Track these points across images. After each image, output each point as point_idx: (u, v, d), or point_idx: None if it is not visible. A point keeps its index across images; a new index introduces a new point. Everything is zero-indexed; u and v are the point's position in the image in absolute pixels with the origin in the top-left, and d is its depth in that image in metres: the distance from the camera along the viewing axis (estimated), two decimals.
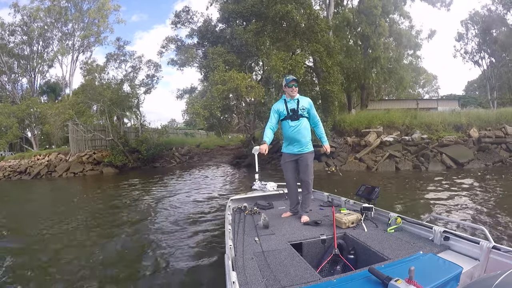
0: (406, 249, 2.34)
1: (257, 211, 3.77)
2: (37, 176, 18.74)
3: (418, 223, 2.75)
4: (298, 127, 3.49)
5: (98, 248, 4.78)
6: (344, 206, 3.76)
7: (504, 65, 32.25)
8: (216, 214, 6.58)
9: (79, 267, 4.02)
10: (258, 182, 4.71)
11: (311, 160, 3.61)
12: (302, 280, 1.92)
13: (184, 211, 7.05)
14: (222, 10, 17.34)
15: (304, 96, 3.63)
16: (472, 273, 1.98)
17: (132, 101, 21.15)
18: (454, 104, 26.51)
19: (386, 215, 3.08)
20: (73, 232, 5.84)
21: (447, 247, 2.34)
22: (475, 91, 45.73)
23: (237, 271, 2.04)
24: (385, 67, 18.21)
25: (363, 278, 1.66)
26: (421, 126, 14.68)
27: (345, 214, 3.09)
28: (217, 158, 22.27)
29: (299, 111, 3.49)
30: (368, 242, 2.54)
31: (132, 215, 7.05)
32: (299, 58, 13.98)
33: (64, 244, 5.08)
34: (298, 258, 2.30)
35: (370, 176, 11.55)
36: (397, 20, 20.49)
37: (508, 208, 5.82)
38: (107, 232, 5.73)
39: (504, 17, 27.38)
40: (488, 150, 13.19)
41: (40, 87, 32.40)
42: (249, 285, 1.89)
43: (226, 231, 2.86)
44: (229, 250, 2.27)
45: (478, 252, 2.10)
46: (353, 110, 20.29)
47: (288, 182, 3.70)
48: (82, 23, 29.09)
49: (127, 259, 4.34)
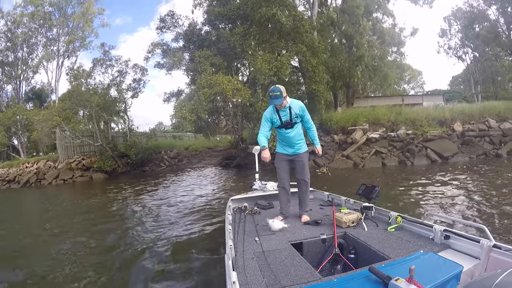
0: (407, 248, 2.34)
1: (257, 211, 3.78)
2: (26, 185, 18.49)
3: (418, 222, 2.75)
4: (292, 133, 3.50)
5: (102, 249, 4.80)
6: (344, 206, 3.76)
7: (487, 59, 32.85)
8: (212, 213, 6.66)
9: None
10: (258, 182, 4.70)
11: (307, 160, 3.63)
12: (302, 280, 1.92)
13: (178, 212, 7.10)
14: (207, 13, 17.39)
15: (294, 99, 3.53)
16: (472, 272, 1.98)
17: (120, 105, 21.00)
18: (439, 99, 26.87)
19: (386, 214, 3.08)
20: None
21: (447, 246, 2.34)
22: (459, 85, 46.45)
23: (238, 271, 2.04)
24: (370, 65, 18.49)
25: (364, 277, 1.66)
26: (406, 122, 14.98)
27: (345, 214, 3.10)
28: (206, 160, 22.28)
29: (293, 120, 3.45)
30: (368, 241, 2.54)
31: (126, 217, 7.12)
32: (284, 60, 14.13)
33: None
34: (298, 257, 2.30)
35: (358, 173, 11.77)
36: (380, 19, 20.78)
37: (494, 199, 6.07)
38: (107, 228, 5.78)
39: (485, 12, 27.94)
40: (472, 143, 13.58)
41: (26, 94, 31.80)
42: (250, 285, 1.88)
43: (226, 231, 2.85)
44: (229, 250, 2.27)
45: (479, 250, 2.09)
46: (339, 108, 20.56)
47: (282, 183, 3.60)
48: (67, 27, 28.68)
49: (124, 263, 4.30)
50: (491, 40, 29.00)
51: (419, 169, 11.31)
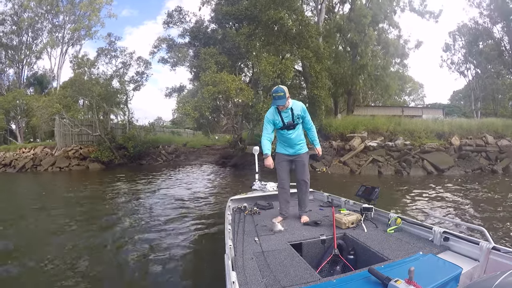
0: (406, 249, 2.35)
1: (257, 211, 3.77)
2: (22, 170, 18.48)
3: (418, 223, 2.76)
4: (294, 134, 3.52)
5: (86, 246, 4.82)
6: (344, 207, 3.77)
7: (489, 76, 33.09)
8: (208, 212, 6.67)
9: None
10: (258, 182, 4.69)
11: (307, 160, 3.65)
12: (302, 280, 1.92)
13: (176, 209, 7.02)
14: (215, 11, 17.46)
15: (296, 101, 3.53)
16: (471, 273, 1.98)
17: (121, 97, 21.02)
18: (438, 112, 27.05)
19: (386, 216, 3.09)
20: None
21: (447, 248, 2.34)
22: (460, 100, 46.80)
23: (237, 271, 2.03)
24: (372, 74, 18.60)
25: (363, 278, 1.67)
26: (405, 132, 15.03)
27: (345, 215, 3.11)
28: (204, 157, 22.35)
29: (295, 121, 3.47)
30: (368, 242, 2.54)
31: (123, 211, 7.05)
32: (288, 63, 14.21)
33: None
34: (298, 258, 2.31)
35: (353, 179, 11.86)
36: (386, 29, 20.93)
37: (487, 210, 6.23)
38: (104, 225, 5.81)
39: (490, 30, 28.12)
40: (468, 158, 13.64)
41: (27, 79, 31.68)
42: (249, 285, 1.88)
43: (226, 231, 2.82)
44: (229, 250, 2.26)
45: (478, 252, 2.10)
46: (339, 115, 20.65)
47: (282, 183, 3.59)
48: (73, 15, 28.69)
49: (120, 261, 4.18)
50: (494, 58, 29.21)
51: (414, 179, 11.41)
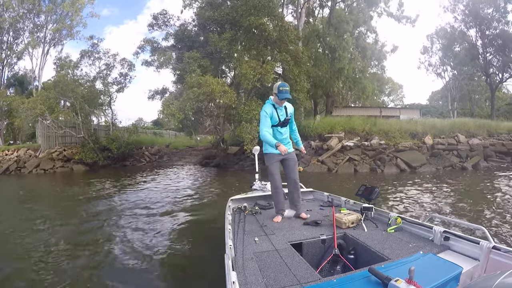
0: (406, 249, 2.35)
1: (257, 211, 3.77)
2: (6, 172, 18.25)
3: (418, 223, 2.77)
4: (286, 132, 3.71)
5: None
6: (344, 206, 3.77)
7: (465, 78, 34.51)
8: (201, 211, 6.91)
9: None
10: (258, 182, 4.70)
11: (296, 159, 3.77)
12: (302, 280, 1.91)
13: (168, 209, 7.11)
14: (198, 16, 17.81)
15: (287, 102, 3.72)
16: (472, 273, 1.99)
17: (104, 99, 21.06)
18: (416, 113, 27.87)
19: (386, 215, 3.10)
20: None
21: (447, 247, 2.34)
22: (438, 101, 48.32)
23: (237, 271, 2.03)
24: (350, 77, 19.30)
25: (363, 278, 1.67)
26: (380, 132, 15.73)
27: (345, 214, 3.10)
28: (187, 158, 22.57)
29: (290, 118, 3.69)
30: (368, 242, 2.54)
31: (106, 213, 7.03)
32: (269, 68, 14.71)
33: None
34: (298, 258, 2.30)
35: (331, 177, 12.51)
36: (364, 33, 21.71)
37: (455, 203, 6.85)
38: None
39: (466, 34, 29.25)
40: (440, 156, 14.42)
41: (8, 80, 31.06)
42: (249, 285, 1.88)
43: (226, 231, 2.80)
44: (229, 250, 2.25)
45: (478, 252, 2.10)
46: (318, 116, 21.24)
47: (276, 183, 3.61)
48: (55, 15, 28.29)
49: (119, 265, 4.11)
50: (468, 62, 30.43)
51: (388, 176, 12.11)
